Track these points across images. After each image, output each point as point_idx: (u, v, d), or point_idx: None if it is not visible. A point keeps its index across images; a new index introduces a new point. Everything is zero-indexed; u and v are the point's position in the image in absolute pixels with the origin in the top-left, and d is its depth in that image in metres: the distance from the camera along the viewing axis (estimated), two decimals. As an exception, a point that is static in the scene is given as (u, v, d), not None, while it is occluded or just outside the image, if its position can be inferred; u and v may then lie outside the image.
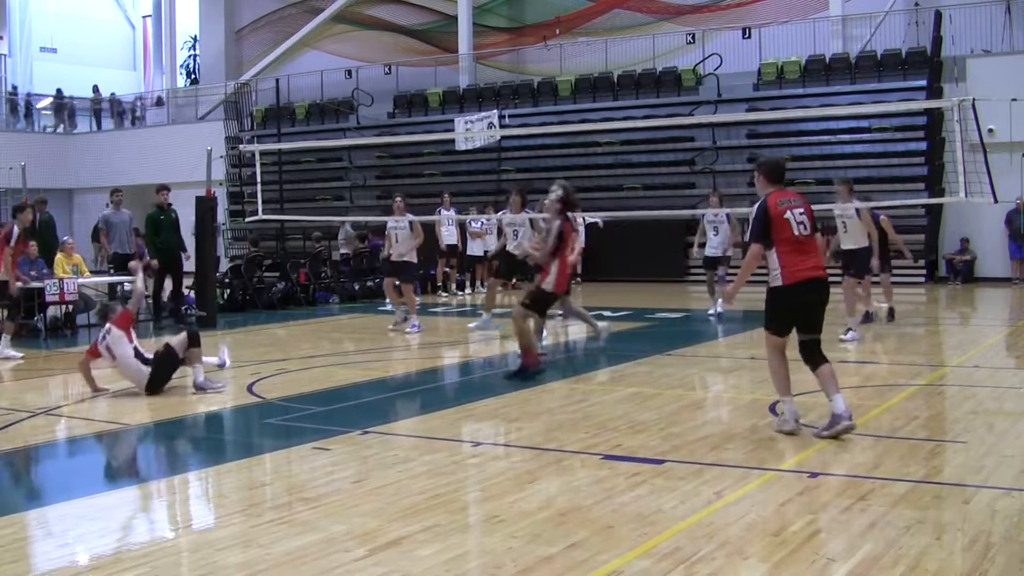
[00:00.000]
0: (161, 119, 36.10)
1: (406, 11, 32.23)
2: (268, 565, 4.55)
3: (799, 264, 6.80)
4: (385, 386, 10.11)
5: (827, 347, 7.16)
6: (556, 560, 4.54)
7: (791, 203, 6.92)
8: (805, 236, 6.86)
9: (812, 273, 6.83)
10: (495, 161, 25.33)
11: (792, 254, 6.80)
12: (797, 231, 6.82)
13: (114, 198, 16.46)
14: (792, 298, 6.83)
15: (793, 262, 6.79)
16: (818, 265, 6.94)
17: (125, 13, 41.60)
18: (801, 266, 6.80)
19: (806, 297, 6.85)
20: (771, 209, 6.86)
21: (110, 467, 7.07)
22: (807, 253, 6.88)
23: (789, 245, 6.81)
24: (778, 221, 6.82)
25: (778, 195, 6.97)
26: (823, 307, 6.96)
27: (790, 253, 6.80)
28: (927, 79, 22.53)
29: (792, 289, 6.79)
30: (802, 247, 6.85)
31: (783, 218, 6.82)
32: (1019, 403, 8.21)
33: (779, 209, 6.85)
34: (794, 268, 6.78)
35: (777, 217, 6.83)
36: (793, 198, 7.00)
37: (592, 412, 7.95)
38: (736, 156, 24.54)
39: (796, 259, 6.80)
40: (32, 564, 4.75)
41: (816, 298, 6.90)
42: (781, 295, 6.85)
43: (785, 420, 6.98)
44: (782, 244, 6.82)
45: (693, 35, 26.64)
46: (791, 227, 6.80)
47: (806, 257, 6.86)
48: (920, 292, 19.96)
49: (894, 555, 4.53)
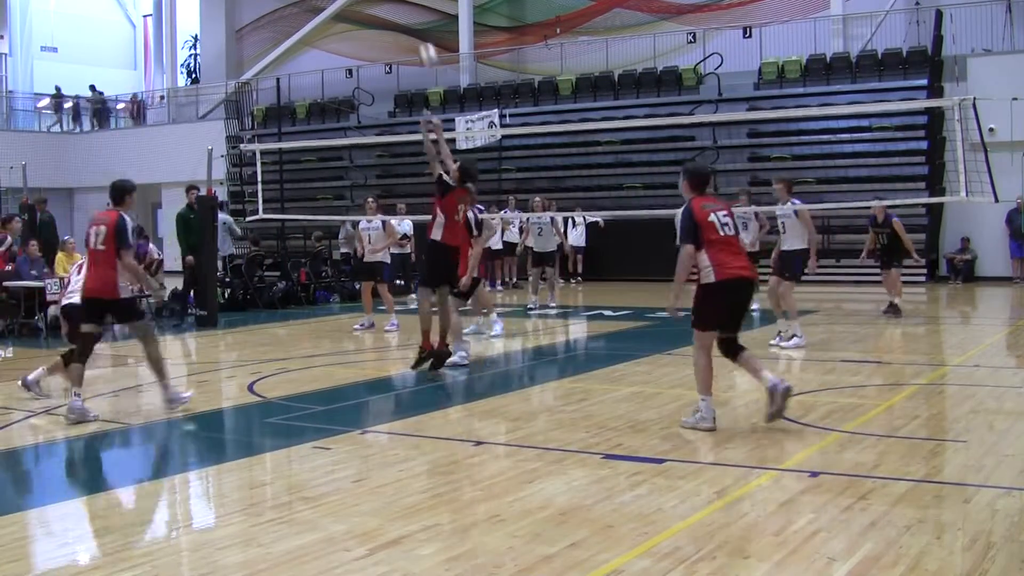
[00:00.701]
0: (162, 118, 36.10)
1: (407, 10, 32.22)
2: (268, 565, 4.55)
3: (730, 262, 7.09)
4: (385, 385, 10.11)
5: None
6: (556, 560, 4.54)
7: (714, 207, 7.28)
8: (731, 236, 7.19)
9: (742, 272, 7.14)
10: (496, 160, 25.29)
11: (722, 252, 7.10)
12: (723, 232, 7.14)
13: (114, 198, 16.44)
14: (725, 295, 7.10)
15: (724, 260, 7.07)
16: (746, 265, 7.26)
17: (126, 12, 41.60)
18: (732, 264, 7.09)
19: (735, 296, 7.17)
20: (697, 212, 7.17)
21: (110, 466, 7.06)
22: (735, 252, 7.21)
23: (718, 244, 7.10)
24: (704, 223, 7.13)
25: (701, 200, 7.30)
26: (746, 307, 7.36)
27: (720, 252, 7.09)
28: (928, 78, 22.52)
29: (725, 286, 7.07)
30: (730, 246, 7.17)
31: (708, 220, 7.13)
32: (1019, 402, 8.21)
33: (704, 212, 7.17)
34: (726, 265, 7.06)
35: (703, 219, 7.13)
36: (715, 202, 7.40)
37: (592, 412, 7.95)
38: (737, 155, 24.54)
39: (727, 257, 7.09)
40: (32, 564, 4.75)
41: (741, 297, 7.25)
42: (714, 291, 7.09)
43: (703, 418, 7.14)
44: (712, 244, 7.10)
45: (694, 34, 26.63)
46: (717, 228, 7.12)
47: (735, 256, 7.18)
48: (921, 291, 19.95)
49: (894, 554, 4.53)
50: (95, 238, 7.99)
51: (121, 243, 7.91)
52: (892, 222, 14.79)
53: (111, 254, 7.92)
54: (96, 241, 7.97)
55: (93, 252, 8.03)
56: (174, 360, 11.85)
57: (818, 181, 22.97)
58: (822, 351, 11.46)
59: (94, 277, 8.02)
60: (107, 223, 7.97)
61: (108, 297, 7.97)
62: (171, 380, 8.38)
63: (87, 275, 8.15)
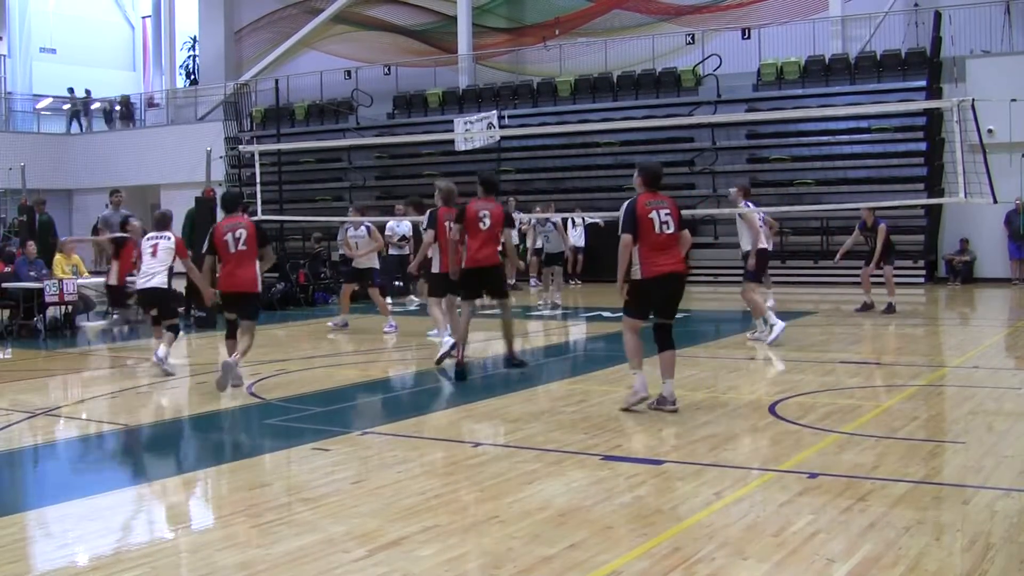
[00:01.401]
0: (161, 119, 36.10)
1: (406, 11, 32.23)
2: (268, 565, 4.56)
3: (656, 261, 7.71)
4: (385, 387, 10.11)
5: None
6: (556, 560, 4.54)
7: (658, 204, 7.81)
8: (667, 235, 7.75)
9: (667, 269, 7.75)
10: (495, 162, 25.28)
11: (651, 252, 7.72)
12: (659, 229, 7.72)
13: (114, 199, 16.45)
14: (648, 290, 7.78)
15: (651, 259, 7.71)
16: (675, 261, 7.85)
17: (125, 13, 41.57)
18: (658, 262, 7.71)
19: (660, 290, 7.81)
20: (639, 209, 7.75)
21: (110, 467, 7.06)
22: (665, 251, 7.77)
23: (649, 244, 7.72)
24: (643, 220, 7.71)
25: (648, 197, 7.86)
26: (677, 298, 7.97)
27: (649, 252, 7.72)
28: (926, 79, 22.53)
29: (648, 283, 7.74)
30: (661, 245, 7.74)
31: (648, 217, 7.71)
32: (1018, 404, 8.21)
33: (646, 209, 7.74)
34: (652, 264, 7.71)
35: (643, 216, 7.71)
36: (662, 200, 7.90)
37: (592, 412, 7.95)
38: (736, 157, 24.55)
39: (654, 257, 7.72)
40: (32, 564, 4.75)
41: (670, 290, 7.88)
42: (640, 287, 7.78)
43: (636, 392, 7.83)
44: (643, 243, 7.72)
45: (693, 36, 26.63)
46: (654, 226, 7.71)
47: (664, 254, 7.75)
48: (920, 292, 19.97)
49: (894, 555, 4.53)
50: (235, 241, 9.31)
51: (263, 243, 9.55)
52: (879, 227, 14.98)
53: (253, 253, 9.40)
54: (238, 243, 9.31)
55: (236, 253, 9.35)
56: (174, 360, 11.85)
57: (817, 182, 22.99)
58: (821, 352, 11.46)
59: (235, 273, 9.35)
60: (247, 227, 9.43)
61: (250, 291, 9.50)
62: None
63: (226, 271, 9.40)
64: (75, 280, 14.50)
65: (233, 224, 9.43)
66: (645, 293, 7.80)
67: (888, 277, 15.15)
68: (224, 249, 9.37)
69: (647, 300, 7.85)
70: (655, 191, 7.93)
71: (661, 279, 7.73)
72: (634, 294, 7.83)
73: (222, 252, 9.40)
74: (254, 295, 9.59)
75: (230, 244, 9.34)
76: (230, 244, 9.34)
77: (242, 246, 9.33)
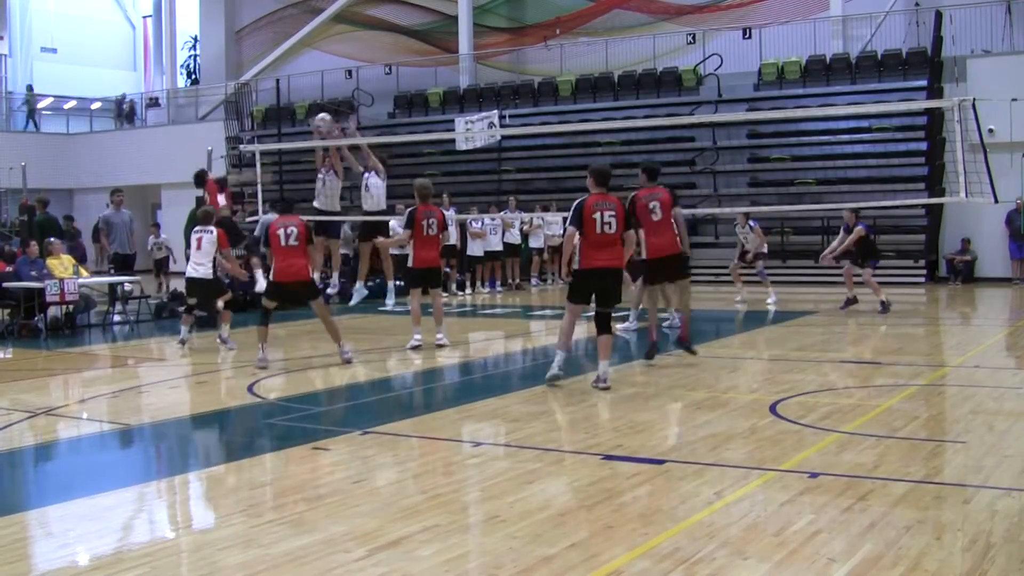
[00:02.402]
0: (161, 119, 36.11)
1: (406, 11, 32.23)
2: (268, 565, 4.55)
3: (595, 256, 8.69)
4: (385, 386, 10.11)
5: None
6: (556, 560, 4.54)
7: (605, 205, 8.71)
8: (609, 234, 8.67)
9: (603, 263, 8.72)
10: (495, 161, 25.32)
11: (591, 249, 8.69)
12: (600, 230, 8.64)
13: (114, 198, 16.46)
14: (589, 280, 8.83)
15: (591, 255, 8.70)
16: (613, 257, 8.77)
17: (125, 13, 41.59)
18: (596, 257, 8.68)
19: (597, 281, 8.79)
20: (586, 209, 8.67)
21: (110, 467, 7.05)
22: (605, 248, 8.70)
23: (591, 241, 8.68)
24: (588, 220, 8.63)
25: (597, 198, 8.77)
26: (613, 290, 8.87)
27: (589, 248, 8.70)
28: (927, 79, 22.52)
29: (586, 274, 8.81)
30: (601, 243, 8.68)
31: (592, 217, 8.63)
32: (1019, 403, 8.21)
33: (592, 210, 8.65)
34: (591, 259, 8.71)
35: (588, 216, 8.63)
36: (609, 201, 8.77)
37: (592, 412, 7.95)
38: (736, 156, 24.54)
39: (593, 253, 8.69)
40: (32, 564, 4.75)
41: (606, 283, 8.81)
42: (580, 276, 8.88)
43: (558, 366, 8.87)
44: (586, 239, 8.67)
45: (693, 35, 26.63)
46: (596, 226, 8.64)
47: (603, 251, 8.69)
48: (920, 292, 19.96)
49: (894, 555, 4.53)
50: (286, 236, 10.48)
51: (311, 240, 10.85)
52: (856, 229, 15.09)
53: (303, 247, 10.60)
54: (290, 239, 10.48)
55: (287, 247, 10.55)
56: (174, 361, 11.86)
57: (818, 182, 22.98)
58: (821, 352, 11.46)
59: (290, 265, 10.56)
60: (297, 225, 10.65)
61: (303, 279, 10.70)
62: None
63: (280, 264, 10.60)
64: (76, 280, 14.49)
65: (285, 222, 10.66)
66: (584, 283, 8.88)
67: (868, 279, 15.25)
68: (277, 244, 10.60)
69: (586, 290, 8.89)
70: (604, 192, 8.82)
71: (597, 272, 8.74)
72: (575, 283, 8.98)
73: (275, 246, 10.62)
74: (309, 282, 10.84)
75: (282, 239, 10.56)
76: (282, 239, 10.56)
77: (293, 241, 10.56)
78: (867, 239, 15.22)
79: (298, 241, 10.59)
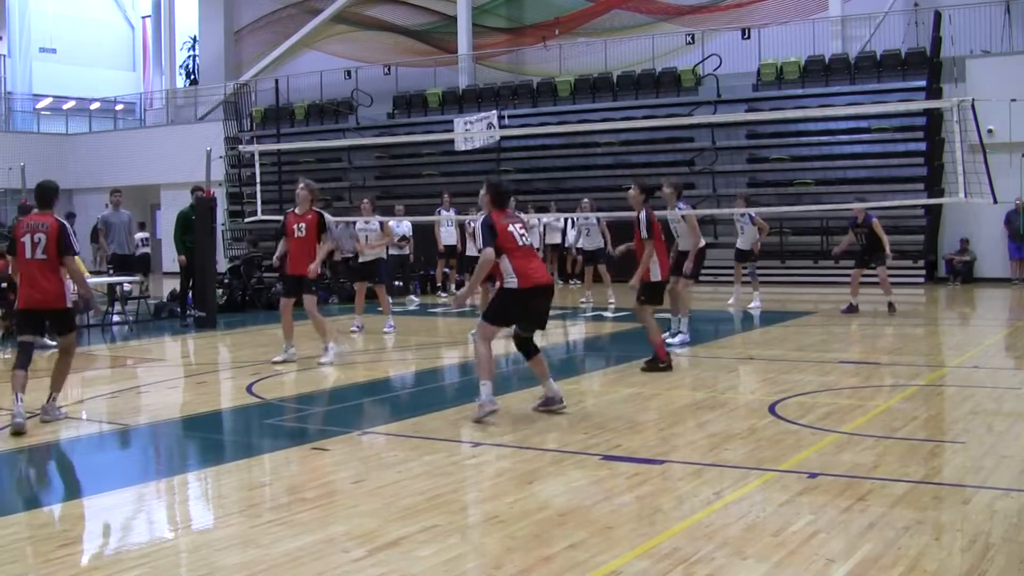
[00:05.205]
0: (161, 119, 36.10)
1: (406, 12, 32.23)
2: (267, 565, 4.55)
3: (531, 270, 7.63)
4: (384, 386, 10.11)
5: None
6: (556, 560, 4.54)
7: (512, 219, 7.84)
8: (527, 246, 7.75)
9: (543, 279, 7.74)
10: (494, 162, 25.30)
11: (523, 260, 7.63)
12: (521, 242, 7.69)
13: (113, 198, 16.45)
14: (526, 300, 7.63)
15: (526, 268, 7.60)
16: (544, 272, 7.89)
17: (124, 13, 41.59)
18: (533, 272, 7.63)
19: (535, 302, 7.68)
20: (497, 223, 7.70)
21: (110, 467, 7.05)
22: (534, 260, 7.76)
23: (518, 253, 7.64)
24: (503, 233, 7.65)
25: (500, 214, 7.80)
26: (546, 310, 7.83)
27: (522, 259, 7.63)
28: (926, 79, 22.52)
29: (527, 292, 7.59)
30: (529, 254, 7.73)
31: (507, 231, 7.67)
32: (1018, 403, 8.21)
33: (503, 223, 7.72)
34: (528, 273, 7.59)
35: (502, 230, 7.66)
36: (511, 216, 7.93)
37: (592, 412, 7.95)
38: (735, 157, 24.54)
39: (528, 265, 7.63)
40: (32, 564, 4.75)
41: (545, 302, 7.78)
42: (516, 296, 7.61)
43: (483, 403, 7.57)
44: (512, 252, 7.61)
45: (692, 35, 26.63)
46: (515, 238, 7.68)
47: (535, 264, 7.74)
48: (919, 292, 19.97)
49: (893, 555, 4.53)
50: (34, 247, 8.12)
51: (65, 250, 8.22)
52: (871, 223, 15.04)
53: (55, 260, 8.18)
54: (38, 249, 8.10)
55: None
56: (173, 361, 11.86)
57: (817, 182, 22.99)
58: (820, 352, 11.47)
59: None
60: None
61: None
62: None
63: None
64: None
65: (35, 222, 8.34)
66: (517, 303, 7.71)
67: (883, 277, 15.18)
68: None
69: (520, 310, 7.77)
70: (504, 209, 7.90)
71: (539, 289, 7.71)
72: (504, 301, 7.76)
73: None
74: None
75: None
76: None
77: (40, 254, 8.07)
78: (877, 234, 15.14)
79: (46, 254, 8.01)
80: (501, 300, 7.73)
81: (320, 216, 11.00)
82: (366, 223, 14.32)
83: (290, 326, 11.09)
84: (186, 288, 16.04)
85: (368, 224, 14.32)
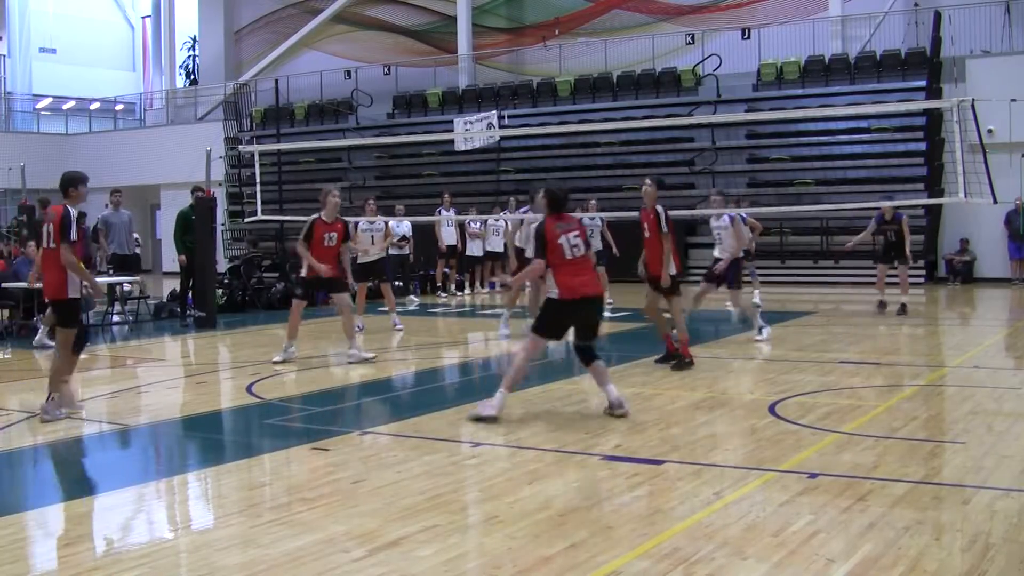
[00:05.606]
0: (161, 119, 36.08)
1: (405, 12, 32.23)
2: (267, 565, 4.55)
3: (574, 283, 7.59)
4: (385, 386, 10.11)
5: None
6: (556, 560, 4.54)
7: (567, 227, 7.70)
8: (579, 257, 7.65)
9: (586, 291, 7.65)
10: (494, 162, 25.31)
11: (566, 275, 7.61)
12: (570, 254, 7.62)
13: (113, 198, 16.45)
14: (568, 312, 7.66)
15: (568, 282, 7.59)
16: (592, 282, 7.78)
17: (124, 14, 41.59)
18: (580, 286, 7.60)
19: (581, 311, 7.69)
20: (548, 233, 7.64)
21: (109, 467, 7.06)
22: (580, 273, 7.67)
23: (563, 267, 7.63)
24: (553, 244, 7.60)
25: (555, 220, 7.72)
26: (596, 319, 7.83)
27: (565, 274, 7.61)
28: (926, 79, 22.53)
29: (571, 304, 7.61)
30: (575, 268, 7.65)
31: (557, 242, 7.61)
32: (1018, 403, 8.21)
33: (555, 233, 7.63)
34: (571, 286, 7.58)
35: (552, 241, 7.61)
36: (569, 223, 7.79)
37: (591, 413, 7.95)
38: (735, 157, 24.55)
39: (571, 279, 7.60)
40: (32, 564, 4.75)
41: (590, 312, 7.75)
42: (559, 307, 7.66)
43: (497, 408, 7.57)
44: (557, 266, 7.62)
45: (692, 35, 26.63)
46: (564, 251, 7.61)
47: (580, 276, 7.65)
48: (920, 292, 19.95)
49: (893, 555, 4.53)
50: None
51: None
52: (902, 220, 14.96)
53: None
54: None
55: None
56: (173, 361, 11.86)
57: (817, 182, 23.00)
58: (820, 352, 11.46)
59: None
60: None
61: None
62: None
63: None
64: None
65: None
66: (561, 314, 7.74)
67: (904, 277, 15.11)
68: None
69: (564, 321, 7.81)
70: (562, 214, 7.82)
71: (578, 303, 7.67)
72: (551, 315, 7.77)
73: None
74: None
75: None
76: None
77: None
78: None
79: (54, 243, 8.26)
80: (545, 310, 7.82)
81: (346, 225, 11.48)
82: (371, 223, 14.35)
83: (296, 326, 11.10)
84: (186, 288, 16.06)
85: (373, 224, 14.36)
